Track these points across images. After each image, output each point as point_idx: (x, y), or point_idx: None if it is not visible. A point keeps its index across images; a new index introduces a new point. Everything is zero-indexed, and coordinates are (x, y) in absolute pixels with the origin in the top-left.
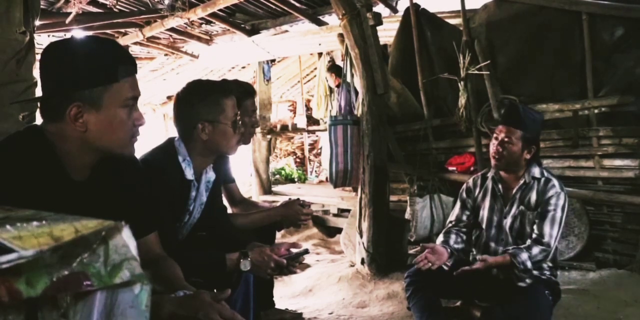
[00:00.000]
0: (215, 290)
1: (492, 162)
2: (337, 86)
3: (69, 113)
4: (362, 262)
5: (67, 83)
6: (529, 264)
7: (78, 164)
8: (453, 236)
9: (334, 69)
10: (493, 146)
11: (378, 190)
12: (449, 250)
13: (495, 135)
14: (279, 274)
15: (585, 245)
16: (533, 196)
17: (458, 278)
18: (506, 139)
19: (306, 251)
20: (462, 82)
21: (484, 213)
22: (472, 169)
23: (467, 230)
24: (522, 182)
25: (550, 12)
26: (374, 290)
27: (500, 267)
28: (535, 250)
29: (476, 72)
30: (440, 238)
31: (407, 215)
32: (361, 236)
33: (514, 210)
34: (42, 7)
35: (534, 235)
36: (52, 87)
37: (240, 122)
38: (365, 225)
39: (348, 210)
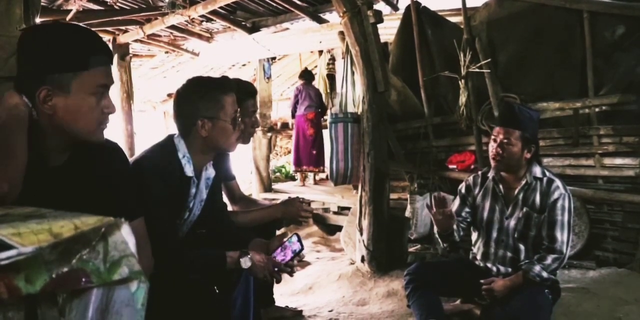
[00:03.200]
0: (215, 289)
1: (493, 164)
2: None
3: (39, 95)
4: (362, 259)
5: (38, 66)
6: (544, 274)
7: (51, 149)
8: (454, 226)
9: (305, 75)
10: (492, 148)
11: (378, 188)
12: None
13: (493, 137)
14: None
15: (586, 243)
16: (537, 197)
17: (458, 276)
18: (505, 141)
19: (301, 249)
20: (462, 80)
21: (484, 214)
22: (472, 167)
23: (465, 226)
24: (523, 182)
25: (551, 10)
26: (374, 288)
27: (517, 285)
28: (549, 259)
29: (477, 70)
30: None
31: (408, 213)
32: (361, 234)
33: (517, 212)
34: (42, 4)
35: (545, 244)
36: (24, 70)
37: (240, 120)
38: (365, 223)
39: (348, 208)
